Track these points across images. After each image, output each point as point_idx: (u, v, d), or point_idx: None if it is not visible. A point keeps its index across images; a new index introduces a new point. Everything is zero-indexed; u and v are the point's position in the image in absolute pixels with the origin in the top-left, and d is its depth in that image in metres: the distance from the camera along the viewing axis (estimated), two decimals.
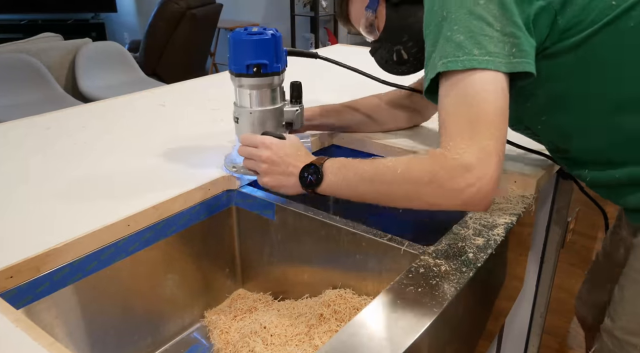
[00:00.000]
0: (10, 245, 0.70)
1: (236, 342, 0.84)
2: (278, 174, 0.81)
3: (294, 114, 0.94)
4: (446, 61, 0.68)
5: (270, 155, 0.81)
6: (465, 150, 0.65)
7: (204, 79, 1.65)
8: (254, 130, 0.90)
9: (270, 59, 0.86)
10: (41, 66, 3.23)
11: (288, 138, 0.85)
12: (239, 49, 0.85)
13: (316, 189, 0.78)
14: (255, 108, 0.89)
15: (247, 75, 0.86)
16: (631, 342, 0.81)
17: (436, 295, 0.62)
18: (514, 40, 0.67)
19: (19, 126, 1.19)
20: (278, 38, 0.86)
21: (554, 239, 1.15)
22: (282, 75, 0.90)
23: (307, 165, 0.79)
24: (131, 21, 6.56)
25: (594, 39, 0.71)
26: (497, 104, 0.66)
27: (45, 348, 0.53)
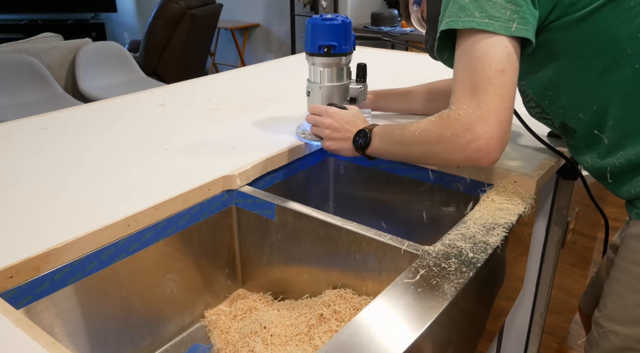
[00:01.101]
0: (10, 245, 0.70)
1: (236, 342, 0.84)
2: (338, 138, 0.94)
3: (358, 90, 1.07)
4: (449, 20, 0.75)
5: (332, 122, 0.95)
6: (466, 111, 0.73)
7: (204, 79, 1.65)
8: (323, 103, 1.05)
9: (339, 42, 0.99)
10: (41, 66, 3.23)
11: (350, 109, 0.97)
12: (314, 32, 0.99)
13: (365, 151, 0.90)
14: (324, 83, 1.04)
15: (319, 55, 1.01)
16: (614, 330, 0.82)
17: (436, 295, 0.62)
18: (516, 8, 0.72)
19: (19, 126, 1.19)
20: (348, 24, 1.00)
21: (554, 239, 1.15)
22: (350, 56, 1.03)
23: (359, 130, 0.91)
24: (131, 21, 6.56)
25: (596, 14, 0.73)
26: (498, 68, 0.71)
27: (45, 348, 0.53)
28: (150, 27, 3.98)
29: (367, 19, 4.67)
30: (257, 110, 1.29)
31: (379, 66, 1.71)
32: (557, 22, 0.76)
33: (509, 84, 0.72)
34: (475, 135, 0.72)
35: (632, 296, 0.80)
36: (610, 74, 0.76)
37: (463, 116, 0.73)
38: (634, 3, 0.72)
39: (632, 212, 0.82)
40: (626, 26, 0.73)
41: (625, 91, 0.75)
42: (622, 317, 0.81)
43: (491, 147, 0.72)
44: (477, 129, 0.72)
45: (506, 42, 0.71)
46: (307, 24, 1.00)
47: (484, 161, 0.74)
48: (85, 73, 3.46)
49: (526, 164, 0.95)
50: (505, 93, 0.72)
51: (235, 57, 5.66)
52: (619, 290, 0.82)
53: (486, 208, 0.83)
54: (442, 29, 0.76)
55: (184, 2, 3.96)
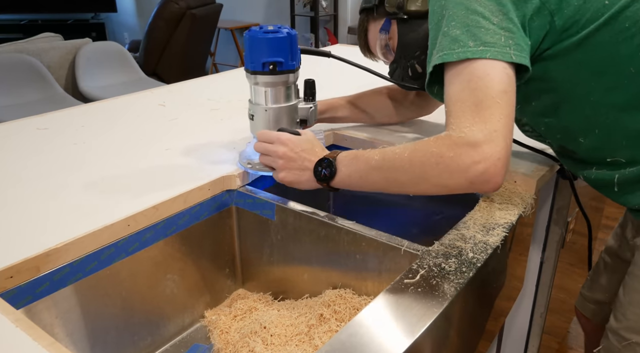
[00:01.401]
0: (10, 245, 0.70)
1: (236, 342, 0.84)
2: (294, 169, 0.82)
3: (308, 111, 0.95)
4: (442, 54, 0.69)
5: (287, 151, 0.83)
6: (470, 128, 0.65)
7: (204, 79, 1.65)
8: (268, 127, 0.92)
9: (285, 57, 0.87)
10: (41, 66, 3.23)
11: (304, 134, 0.86)
12: (255, 47, 0.87)
13: (330, 182, 0.79)
14: (270, 105, 0.91)
15: (262, 73, 0.88)
16: (638, 342, 0.81)
17: (436, 295, 0.62)
18: (510, 34, 0.68)
19: (19, 126, 1.19)
20: (293, 36, 0.88)
21: (554, 239, 1.15)
22: (297, 73, 0.92)
23: (320, 159, 0.80)
24: (131, 21, 6.56)
25: (591, 39, 0.71)
26: (501, 87, 0.66)
27: (45, 348, 0.53)
28: (150, 27, 3.98)
29: None
30: None
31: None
32: (551, 51, 0.73)
33: (512, 106, 0.67)
34: (482, 156, 0.64)
35: None
36: (613, 94, 0.74)
37: (468, 134, 0.65)
38: (629, 23, 0.70)
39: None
40: (625, 46, 0.71)
41: (634, 108, 0.73)
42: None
43: (498, 169, 0.65)
44: (484, 149, 0.64)
45: (505, 65, 0.68)
46: (245, 37, 0.87)
47: (488, 186, 0.66)
48: (85, 73, 3.46)
49: (526, 164, 0.95)
50: (509, 114, 0.67)
51: (235, 57, 5.67)
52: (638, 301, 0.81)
53: (486, 209, 0.83)
54: (436, 63, 0.70)
55: (184, 2, 3.96)
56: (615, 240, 1.04)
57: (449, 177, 0.67)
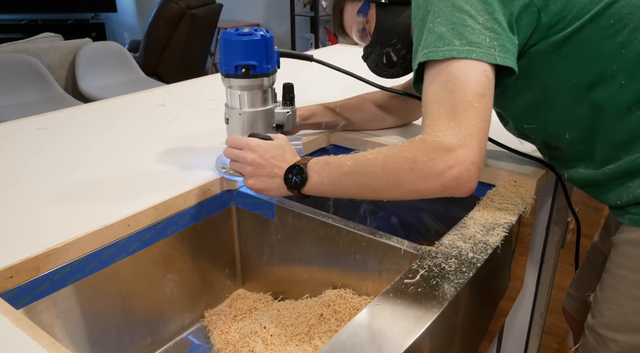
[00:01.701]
0: (10, 245, 0.70)
1: (236, 342, 0.84)
2: (263, 176, 0.80)
3: (285, 115, 0.93)
4: (427, 51, 0.69)
5: (255, 158, 0.80)
6: (444, 133, 0.65)
7: (204, 79, 1.65)
8: (243, 132, 0.90)
9: (259, 60, 0.85)
10: (41, 66, 3.24)
11: (276, 138, 0.83)
12: (228, 50, 0.85)
13: (301, 190, 0.77)
14: (244, 109, 0.89)
15: (236, 76, 0.86)
16: (613, 338, 0.81)
17: (436, 295, 0.62)
18: (494, 35, 0.68)
19: (18, 126, 1.19)
20: (269, 39, 0.86)
21: (554, 239, 1.15)
22: (273, 77, 0.89)
23: (291, 166, 0.77)
24: (131, 21, 6.56)
25: (577, 35, 0.72)
26: (479, 90, 0.66)
27: (45, 348, 0.53)
28: (150, 27, 3.98)
29: None
30: None
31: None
32: (537, 46, 0.74)
33: (488, 109, 0.67)
34: (456, 160, 0.64)
35: (631, 303, 0.79)
36: (596, 91, 0.74)
37: (442, 138, 0.65)
38: (613, 20, 0.71)
39: (623, 217, 0.80)
40: (609, 43, 0.71)
41: (615, 106, 0.74)
42: (621, 325, 0.80)
43: (471, 174, 0.65)
44: (458, 153, 0.64)
45: (485, 66, 0.67)
46: (220, 39, 0.86)
47: (461, 190, 0.66)
48: (85, 73, 3.46)
49: (526, 164, 0.95)
50: (485, 118, 0.66)
51: None
52: (616, 298, 0.81)
53: (486, 209, 0.83)
54: (421, 60, 0.70)
55: (184, 2, 3.96)
56: (600, 239, 1.04)
57: (422, 182, 0.66)
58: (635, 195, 0.76)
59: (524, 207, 0.84)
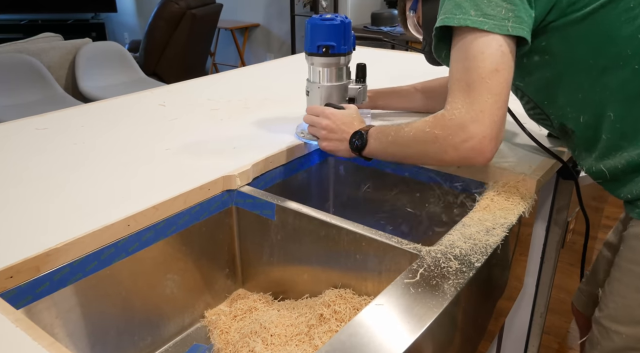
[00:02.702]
0: (10, 245, 0.70)
1: (236, 342, 0.84)
2: (334, 139, 0.94)
3: (357, 91, 1.07)
4: (444, 17, 0.75)
5: (329, 123, 0.95)
6: (460, 111, 0.73)
7: (204, 79, 1.65)
8: (321, 102, 1.05)
9: (338, 42, 0.99)
10: (41, 66, 3.23)
11: (347, 108, 0.97)
12: (312, 32, 1.00)
13: (362, 153, 0.89)
14: (323, 83, 1.04)
15: (317, 55, 1.01)
16: (617, 330, 0.82)
17: (436, 295, 0.62)
18: (511, 7, 0.72)
19: (18, 126, 1.19)
20: (347, 24, 0.99)
21: (554, 239, 1.15)
22: (349, 57, 1.03)
23: (355, 132, 0.90)
24: (131, 21, 6.56)
25: (596, 15, 0.73)
26: (492, 67, 0.71)
27: (45, 348, 0.53)
28: (150, 27, 3.98)
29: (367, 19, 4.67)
30: (257, 110, 1.29)
31: (379, 66, 1.71)
32: (556, 23, 0.76)
33: (503, 83, 0.72)
34: (468, 135, 0.72)
35: (636, 296, 0.80)
36: (609, 75, 0.75)
37: (457, 115, 0.73)
38: (633, 4, 0.72)
39: (633, 212, 0.81)
40: (626, 27, 0.72)
41: (625, 92, 0.75)
42: (625, 317, 0.81)
43: (485, 146, 0.72)
44: (470, 129, 0.72)
45: (501, 40, 0.71)
46: (306, 23, 1.00)
47: (478, 160, 0.74)
48: (85, 73, 3.46)
49: (526, 164, 0.95)
50: (499, 92, 0.72)
51: (235, 57, 5.66)
52: (621, 290, 0.82)
53: (486, 209, 0.83)
54: (438, 25, 0.76)
55: (184, 2, 3.96)
56: (615, 235, 1.04)
57: (444, 153, 0.76)
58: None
59: (524, 207, 0.84)
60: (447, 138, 0.74)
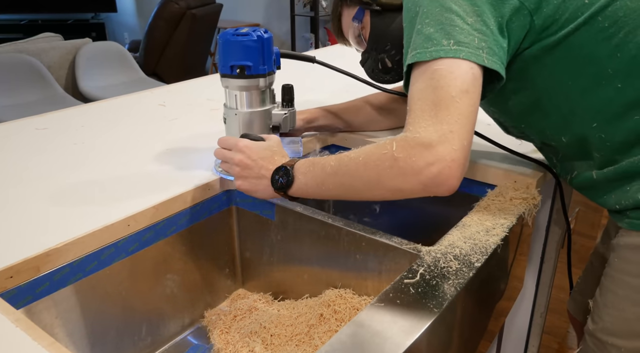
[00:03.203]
0: (10, 245, 0.70)
1: (236, 342, 0.84)
2: (251, 177, 0.79)
3: (282, 117, 0.92)
4: (415, 53, 0.68)
5: (243, 159, 0.79)
6: (425, 129, 0.63)
7: (204, 79, 1.65)
8: (239, 132, 0.90)
9: (255, 61, 0.85)
10: (41, 66, 3.24)
11: (268, 139, 0.82)
12: (224, 50, 0.85)
13: (287, 191, 0.75)
14: (240, 109, 0.89)
15: (231, 76, 0.86)
16: (614, 344, 0.80)
17: (436, 295, 0.62)
18: (482, 37, 0.67)
19: (18, 126, 1.19)
20: (265, 40, 0.85)
21: (554, 239, 1.15)
22: (271, 78, 0.89)
23: (278, 167, 0.76)
24: (131, 21, 6.56)
25: (571, 38, 0.71)
26: (463, 87, 0.64)
27: (45, 348, 0.53)
28: (150, 27, 3.98)
29: None
30: None
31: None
32: (530, 50, 0.73)
33: (473, 106, 0.65)
34: (436, 157, 0.62)
35: (632, 309, 0.78)
36: (590, 95, 0.73)
37: (422, 135, 0.63)
38: (608, 23, 0.70)
39: (622, 221, 0.79)
40: (604, 46, 0.70)
41: (611, 110, 0.73)
42: (622, 331, 0.79)
43: (453, 171, 0.62)
44: (438, 150, 0.62)
45: (472, 64, 0.66)
46: (218, 39, 0.87)
47: (441, 189, 0.64)
48: (85, 73, 3.46)
49: (526, 164, 0.95)
50: (469, 115, 0.64)
51: None
52: (617, 303, 0.80)
53: (486, 209, 0.83)
54: (410, 62, 0.69)
55: (184, 2, 3.96)
56: (602, 242, 1.04)
57: (402, 180, 0.65)
58: (635, 199, 0.75)
59: (524, 208, 0.84)
60: (407, 160, 0.63)
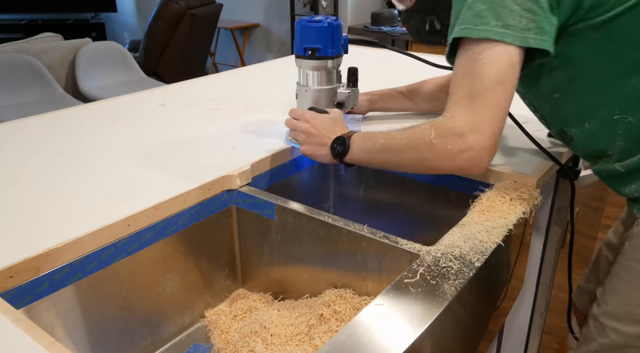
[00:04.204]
0: (10, 245, 0.70)
1: (236, 342, 0.84)
2: (314, 144, 0.91)
3: (345, 95, 1.04)
4: (463, 27, 0.72)
5: (308, 128, 0.92)
6: (460, 120, 0.71)
7: (204, 79, 1.65)
8: (308, 106, 1.02)
9: (324, 44, 0.97)
10: (41, 66, 3.23)
11: (332, 112, 0.95)
12: (299, 34, 0.98)
13: (343, 159, 0.87)
14: (311, 86, 1.02)
15: (303, 57, 0.99)
16: (614, 327, 0.82)
17: (436, 295, 0.62)
18: (533, 17, 0.69)
19: (18, 126, 1.19)
20: (335, 27, 0.97)
21: (554, 239, 1.15)
22: (338, 60, 1.01)
23: (337, 137, 0.88)
24: (131, 21, 6.56)
25: (616, 21, 0.72)
26: (500, 77, 0.70)
27: (45, 348, 0.53)
28: (150, 27, 3.98)
29: (367, 18, 4.67)
30: (257, 110, 1.29)
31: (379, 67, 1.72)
32: (576, 27, 0.74)
33: (507, 94, 0.71)
34: (467, 145, 0.71)
35: (635, 294, 0.80)
36: (626, 80, 0.74)
37: (457, 124, 0.71)
38: None
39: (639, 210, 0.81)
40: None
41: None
42: (623, 315, 0.81)
43: (482, 157, 0.71)
44: (469, 139, 0.70)
45: (514, 51, 0.70)
46: (295, 25, 0.98)
47: (473, 171, 0.73)
48: (85, 73, 3.46)
49: (526, 164, 0.95)
50: (501, 104, 0.71)
51: (235, 57, 5.66)
52: (622, 288, 0.82)
53: (486, 208, 0.83)
54: (457, 36, 0.73)
55: (184, 2, 3.96)
56: (615, 235, 1.04)
57: (439, 162, 0.74)
58: None
59: (524, 208, 0.84)
60: (444, 147, 0.73)
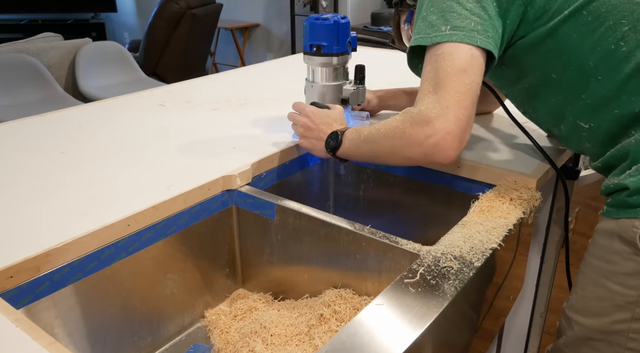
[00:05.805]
0: (10, 245, 0.70)
1: (236, 342, 0.84)
2: (311, 137, 0.95)
3: (350, 92, 1.06)
4: (418, 37, 0.78)
5: (307, 122, 0.96)
6: (426, 106, 0.74)
7: (204, 79, 1.65)
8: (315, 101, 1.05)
9: (329, 41, 1.00)
10: (41, 66, 3.23)
11: (333, 108, 0.98)
12: (306, 31, 1.01)
13: (336, 153, 0.90)
14: (316, 82, 1.06)
15: (310, 54, 1.02)
16: (577, 320, 0.83)
17: (436, 294, 0.62)
18: (479, 20, 0.74)
19: (18, 126, 1.19)
20: (342, 25, 0.99)
21: (554, 239, 1.15)
22: (344, 57, 1.03)
23: (332, 132, 0.91)
24: (131, 21, 6.56)
25: (559, 29, 0.76)
26: (460, 67, 0.73)
27: (45, 348, 0.53)
28: (150, 27, 3.98)
29: (367, 18, 4.67)
30: (257, 110, 1.29)
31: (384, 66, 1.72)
32: (526, 39, 0.79)
33: (471, 84, 0.73)
34: (433, 130, 0.73)
35: (592, 288, 0.81)
36: (578, 86, 0.78)
37: (424, 111, 0.74)
38: (591, 18, 0.74)
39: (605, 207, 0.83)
40: (587, 39, 0.75)
41: (595, 103, 0.77)
42: (583, 308, 0.82)
43: (448, 142, 0.73)
44: (435, 124, 0.73)
45: (470, 46, 0.74)
46: (305, 22, 1.01)
47: (439, 157, 0.74)
48: (85, 73, 3.46)
49: (526, 164, 0.95)
50: (465, 92, 0.73)
51: (235, 57, 5.67)
52: (582, 282, 0.83)
53: (486, 209, 0.83)
54: (412, 45, 0.78)
55: (184, 2, 3.96)
56: None
57: (409, 150, 0.77)
58: (606, 186, 0.79)
59: (524, 208, 0.84)
60: (412, 133, 0.75)
